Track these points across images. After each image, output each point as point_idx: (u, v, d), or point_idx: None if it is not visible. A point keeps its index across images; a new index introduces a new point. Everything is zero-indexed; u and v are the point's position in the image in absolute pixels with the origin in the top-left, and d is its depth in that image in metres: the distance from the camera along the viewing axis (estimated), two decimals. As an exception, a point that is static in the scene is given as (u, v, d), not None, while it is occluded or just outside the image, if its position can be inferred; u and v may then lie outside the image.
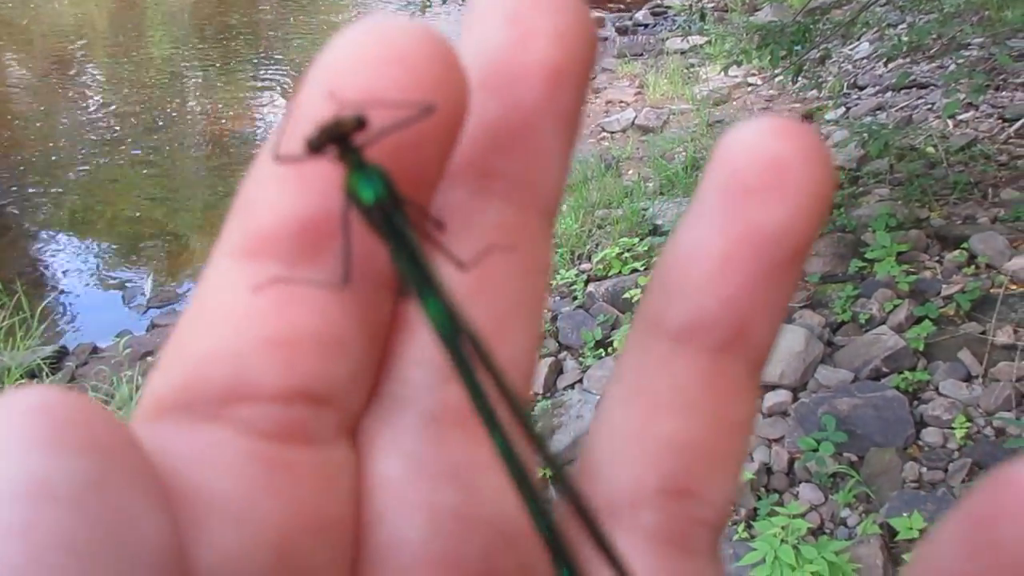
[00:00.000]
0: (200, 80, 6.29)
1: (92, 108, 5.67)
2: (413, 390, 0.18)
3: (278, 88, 5.97)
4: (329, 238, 0.18)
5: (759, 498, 1.93)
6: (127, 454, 0.14)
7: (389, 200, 0.18)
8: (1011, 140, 3.23)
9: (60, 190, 4.47)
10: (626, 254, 2.92)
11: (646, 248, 2.93)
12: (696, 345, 0.19)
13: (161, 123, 5.33)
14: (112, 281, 3.67)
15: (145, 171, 4.69)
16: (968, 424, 1.95)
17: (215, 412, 0.17)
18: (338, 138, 0.18)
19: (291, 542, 0.16)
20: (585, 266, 3.00)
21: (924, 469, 1.89)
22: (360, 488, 0.18)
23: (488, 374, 0.18)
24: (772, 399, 2.16)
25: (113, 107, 5.64)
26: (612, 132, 4.48)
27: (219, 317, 0.17)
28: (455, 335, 0.18)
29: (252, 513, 0.16)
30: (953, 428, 1.95)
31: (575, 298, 2.80)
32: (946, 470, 1.88)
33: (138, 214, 4.22)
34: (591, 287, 2.81)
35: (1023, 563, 0.16)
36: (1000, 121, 3.42)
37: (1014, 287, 2.32)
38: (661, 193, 3.49)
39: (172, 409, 0.17)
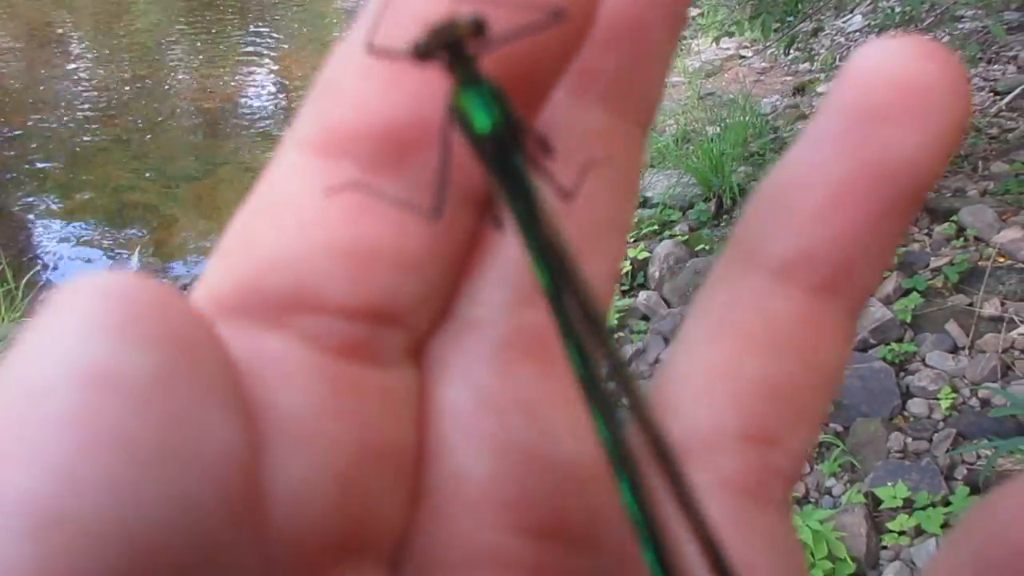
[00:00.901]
0: (187, 51, 6.21)
1: (77, 80, 5.60)
2: (488, 312, 0.17)
3: (268, 60, 5.90)
4: (417, 147, 0.16)
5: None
6: (206, 353, 0.13)
7: (506, 129, 0.16)
8: (1002, 113, 3.22)
9: (45, 163, 4.42)
10: (615, 226, 2.91)
11: (635, 219, 2.92)
12: (797, 282, 0.18)
13: (148, 95, 5.27)
14: (98, 254, 3.64)
15: (131, 143, 4.64)
16: (953, 395, 1.96)
17: (277, 319, 0.15)
18: (451, 44, 0.15)
19: (355, 469, 0.15)
20: (574, 239, 2.99)
21: (909, 439, 1.90)
22: (424, 415, 0.16)
23: (595, 337, 0.16)
24: (759, 370, 2.17)
25: (98, 79, 5.57)
26: (603, 105, 4.45)
27: (287, 216, 0.16)
28: (561, 292, 0.16)
29: (320, 435, 0.15)
30: (939, 399, 1.96)
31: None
32: (931, 440, 1.88)
33: (124, 187, 4.18)
34: (580, 259, 2.79)
35: None
36: (992, 94, 3.40)
37: (1002, 260, 2.32)
38: (652, 166, 3.48)
39: (232, 310, 0.15)
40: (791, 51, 3.36)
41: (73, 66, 5.87)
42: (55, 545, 0.10)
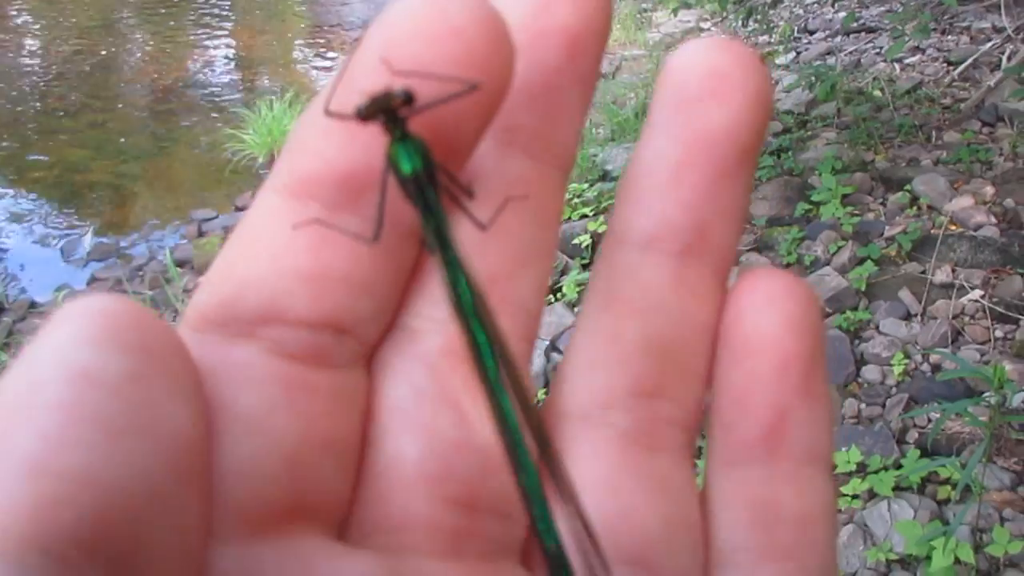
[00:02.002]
0: (141, 25, 6.05)
1: (26, 53, 5.43)
2: (427, 324, 0.20)
3: (224, 34, 5.78)
4: (367, 189, 0.19)
5: (703, 436, 1.96)
6: (172, 359, 0.17)
7: (424, 173, 0.20)
8: (955, 83, 3.26)
9: (-7, 140, 4.29)
10: (576, 200, 2.91)
11: (596, 194, 2.92)
12: (661, 250, 0.21)
13: (99, 69, 5.13)
14: (50, 234, 3.55)
15: (84, 119, 4.52)
16: (906, 360, 1.99)
17: (250, 331, 0.18)
18: (386, 110, 0.19)
19: (301, 455, 0.18)
20: (535, 213, 2.97)
21: (863, 405, 1.94)
22: (370, 410, 0.20)
23: (497, 345, 0.19)
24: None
25: (48, 52, 5.41)
26: (564, 78, 4.42)
27: (262, 246, 0.19)
28: (469, 304, 0.19)
29: (269, 427, 0.18)
30: (892, 365, 2.00)
31: (525, 244, 2.78)
32: (884, 405, 1.92)
33: (77, 165, 4.07)
34: (541, 233, 2.79)
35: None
36: (945, 64, 3.45)
37: (953, 227, 2.36)
38: (612, 139, 3.47)
39: (213, 323, 0.19)
40: (750, 23, 3.37)
41: (20, 40, 5.69)
42: (45, 489, 0.14)
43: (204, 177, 3.94)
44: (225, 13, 6.26)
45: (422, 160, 0.19)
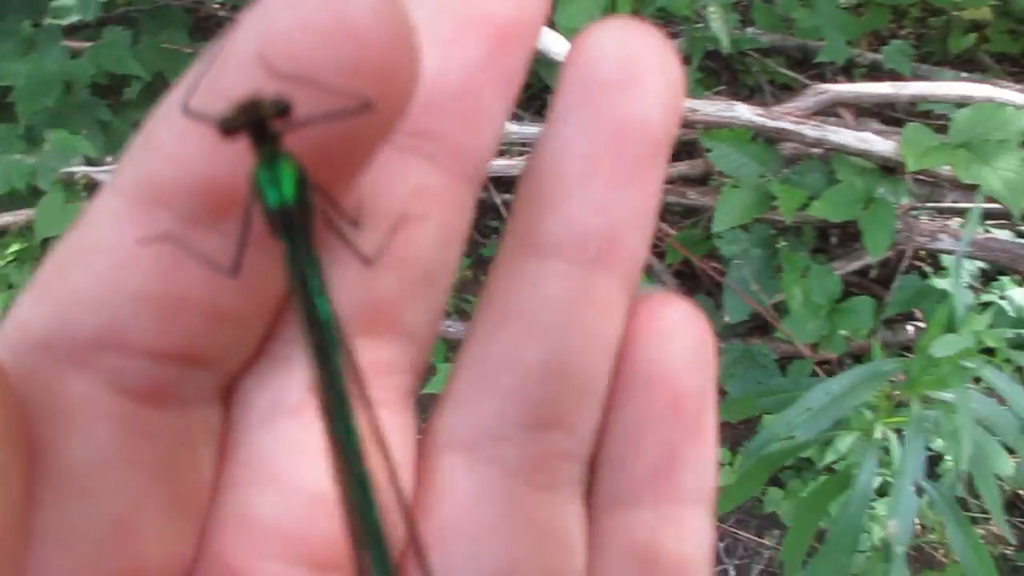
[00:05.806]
0: None
1: None
2: (298, 352, 0.17)
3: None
4: (233, 204, 0.16)
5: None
6: None
7: (295, 207, 0.16)
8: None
9: None
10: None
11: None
12: (568, 259, 0.18)
13: None
14: None
15: None
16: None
17: (82, 357, 0.15)
18: (254, 121, 0.15)
19: (137, 519, 0.15)
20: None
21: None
22: (224, 453, 0.17)
23: (362, 404, 0.16)
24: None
25: None
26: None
27: (99, 259, 0.16)
28: (330, 365, 0.16)
29: (104, 481, 0.15)
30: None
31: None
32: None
33: None
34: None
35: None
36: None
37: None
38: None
39: (40, 346, 0.15)
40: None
41: None
42: None
43: None
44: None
45: (294, 188, 0.16)
